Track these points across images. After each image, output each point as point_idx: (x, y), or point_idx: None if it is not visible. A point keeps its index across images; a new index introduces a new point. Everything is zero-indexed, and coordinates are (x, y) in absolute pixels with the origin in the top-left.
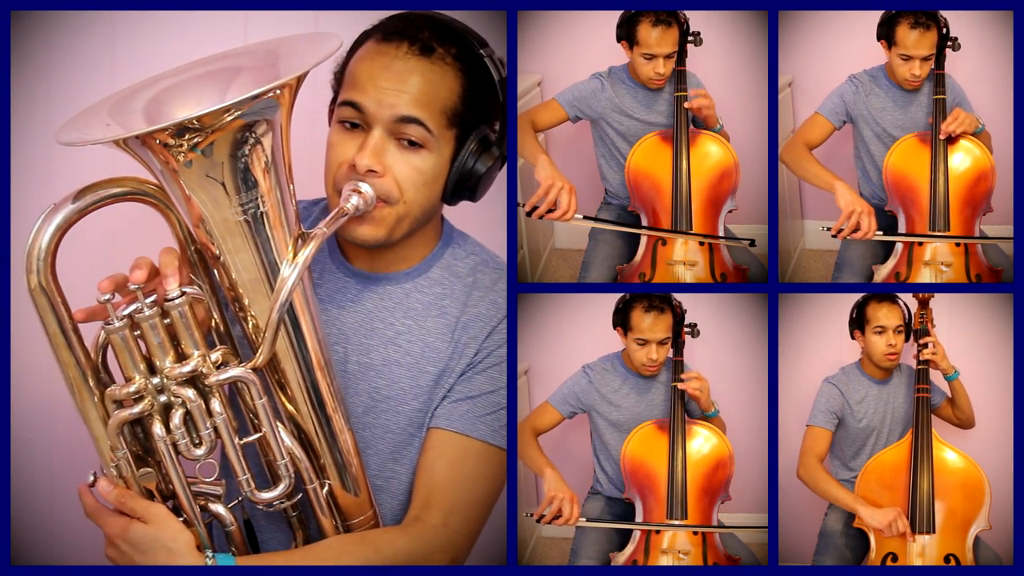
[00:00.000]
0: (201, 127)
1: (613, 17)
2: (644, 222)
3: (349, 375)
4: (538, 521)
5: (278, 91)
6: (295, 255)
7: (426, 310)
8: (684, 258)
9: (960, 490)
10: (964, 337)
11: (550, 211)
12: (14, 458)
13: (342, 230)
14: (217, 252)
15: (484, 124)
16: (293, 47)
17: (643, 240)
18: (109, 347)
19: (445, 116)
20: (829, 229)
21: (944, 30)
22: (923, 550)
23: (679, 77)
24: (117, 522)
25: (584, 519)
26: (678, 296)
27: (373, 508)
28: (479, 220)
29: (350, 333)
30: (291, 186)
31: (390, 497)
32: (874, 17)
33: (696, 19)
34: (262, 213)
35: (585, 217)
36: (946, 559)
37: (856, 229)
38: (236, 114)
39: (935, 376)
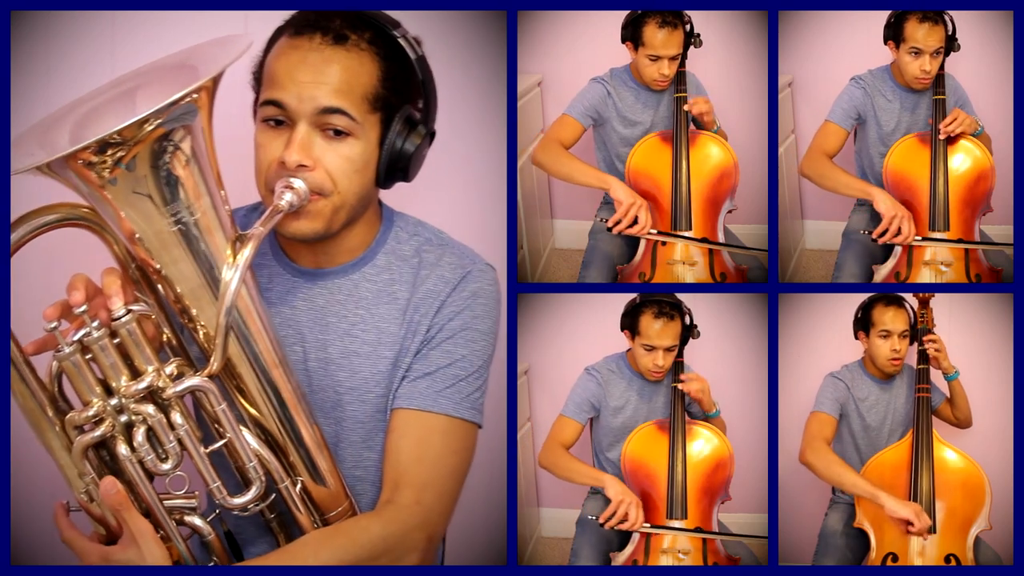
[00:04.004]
0: (122, 141)
1: (613, 17)
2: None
3: (311, 372)
4: (602, 525)
5: (194, 95)
6: (234, 258)
7: (376, 297)
8: (684, 258)
9: (960, 490)
10: (964, 337)
11: (630, 226)
12: (14, 458)
13: (282, 228)
14: (158, 266)
15: (407, 104)
16: (205, 52)
17: (643, 240)
18: (66, 376)
19: (367, 101)
20: (871, 234)
21: (951, 31)
22: (923, 550)
23: (679, 78)
24: (95, 552)
25: (647, 524)
26: (679, 296)
27: (349, 499)
28: (480, 220)
29: (306, 331)
30: (222, 192)
31: (369, 485)
32: (874, 17)
33: (696, 19)
34: (195, 221)
35: (659, 232)
36: (946, 559)
37: (897, 233)
38: (155, 123)
39: (936, 377)
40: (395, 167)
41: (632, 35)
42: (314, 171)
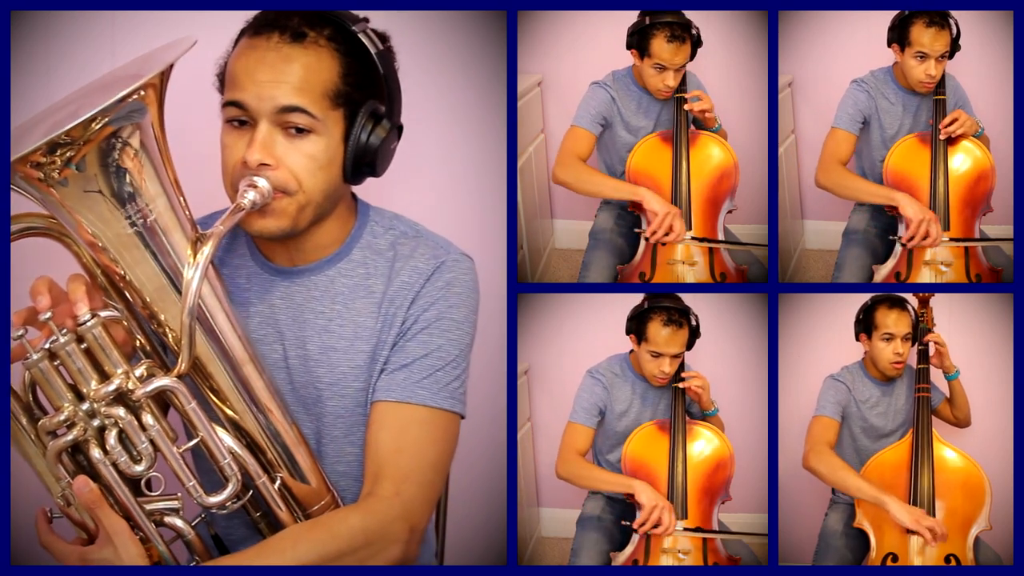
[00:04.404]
0: (71, 141)
1: (613, 17)
2: (644, 222)
3: (292, 370)
4: (635, 531)
5: (141, 92)
6: (195, 257)
7: (353, 292)
8: (685, 258)
9: (960, 490)
10: (964, 337)
11: (666, 234)
12: (14, 458)
13: (248, 226)
14: (121, 271)
15: (371, 99)
16: (157, 55)
17: (642, 240)
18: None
19: (327, 98)
20: (899, 239)
21: (955, 35)
22: (923, 550)
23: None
24: (72, 553)
25: (680, 526)
26: (685, 300)
27: (331, 494)
28: (480, 220)
29: (285, 329)
30: (181, 197)
31: (352, 480)
32: (874, 17)
33: (696, 19)
34: (152, 221)
35: (693, 238)
36: (946, 559)
37: (925, 237)
38: (103, 122)
39: (935, 376)
40: (361, 162)
41: (639, 44)
42: (277, 170)
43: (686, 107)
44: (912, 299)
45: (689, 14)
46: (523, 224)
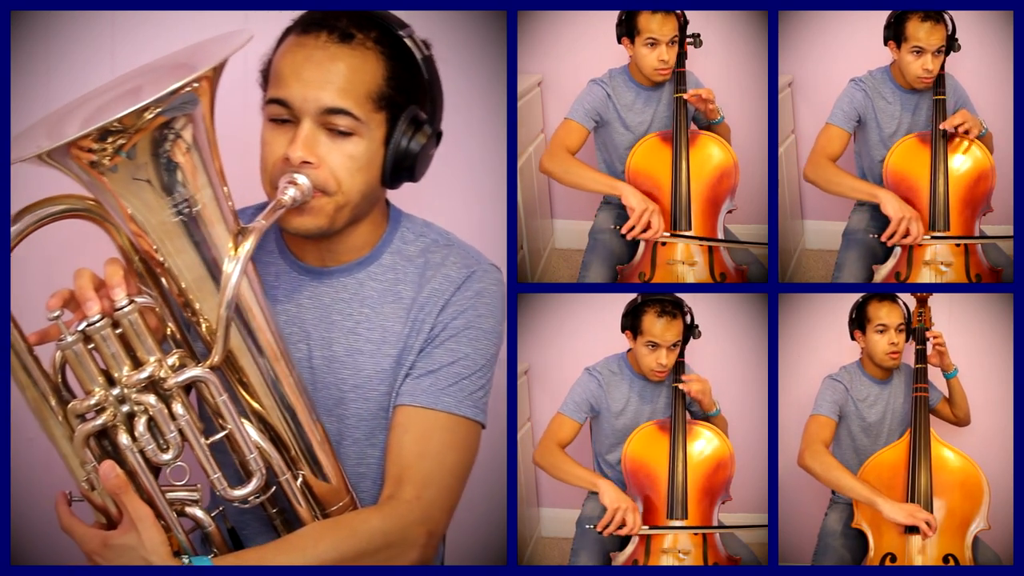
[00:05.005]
0: (123, 129)
1: (613, 17)
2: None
3: (315, 370)
4: (600, 532)
5: (195, 84)
6: (236, 251)
7: (382, 296)
8: (685, 257)
9: (959, 489)
10: (964, 337)
11: (643, 231)
12: (14, 458)
13: (285, 223)
14: (160, 258)
15: (413, 104)
16: (207, 48)
17: (642, 240)
18: (68, 365)
19: (371, 101)
20: (878, 237)
21: (951, 30)
22: (924, 549)
23: (679, 79)
24: (94, 538)
25: (646, 527)
26: (680, 295)
27: (350, 494)
28: (480, 220)
29: (311, 329)
30: (225, 188)
31: (371, 483)
32: (874, 17)
33: (696, 19)
34: (196, 211)
35: (672, 234)
36: (944, 559)
37: (906, 235)
38: (156, 112)
39: (934, 375)
40: (400, 166)
41: (627, 29)
42: (318, 169)
43: (686, 96)
44: (910, 299)
45: (689, 14)
46: (523, 224)
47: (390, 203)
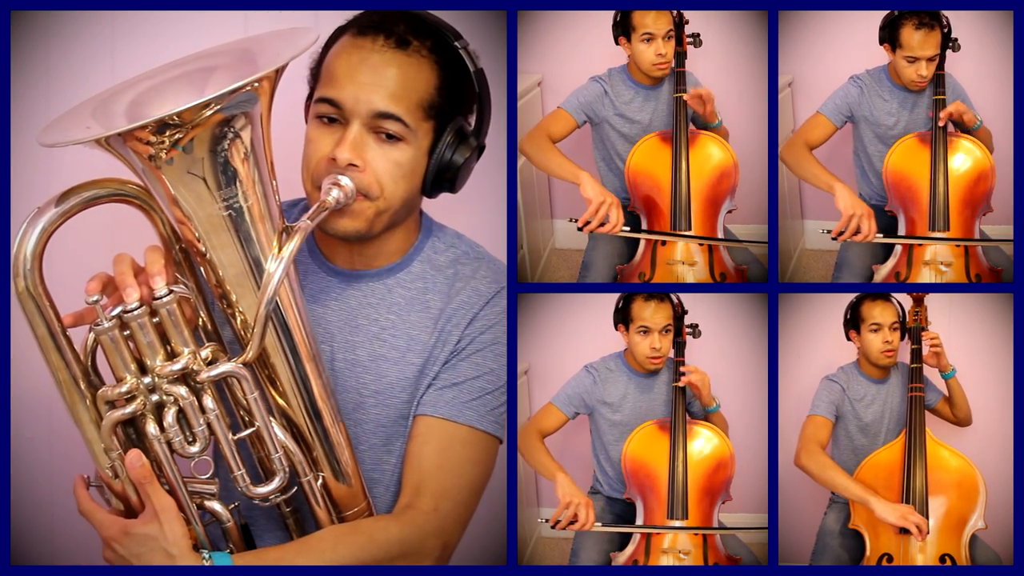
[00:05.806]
0: (181, 123)
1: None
2: (644, 223)
3: (336, 372)
4: (553, 527)
5: (256, 84)
6: (280, 249)
7: (409, 304)
8: (684, 257)
9: (955, 489)
10: (964, 337)
11: (600, 225)
12: (14, 458)
13: (324, 224)
14: (203, 249)
15: (460, 115)
16: (268, 43)
17: (642, 239)
18: (99, 350)
19: (422, 109)
20: (829, 232)
21: (947, 30)
22: (924, 547)
23: (678, 78)
24: (115, 524)
25: (599, 524)
26: (678, 295)
27: (367, 499)
28: (480, 220)
29: (335, 331)
30: (274, 182)
31: (384, 489)
32: (874, 17)
33: (696, 19)
34: (245, 208)
35: (632, 229)
36: (941, 559)
37: (856, 232)
38: (215, 108)
39: (933, 375)
40: (442, 177)
41: (623, 28)
42: (363, 172)
43: (685, 97)
44: (906, 298)
45: (689, 14)
46: (523, 224)
47: (423, 212)
